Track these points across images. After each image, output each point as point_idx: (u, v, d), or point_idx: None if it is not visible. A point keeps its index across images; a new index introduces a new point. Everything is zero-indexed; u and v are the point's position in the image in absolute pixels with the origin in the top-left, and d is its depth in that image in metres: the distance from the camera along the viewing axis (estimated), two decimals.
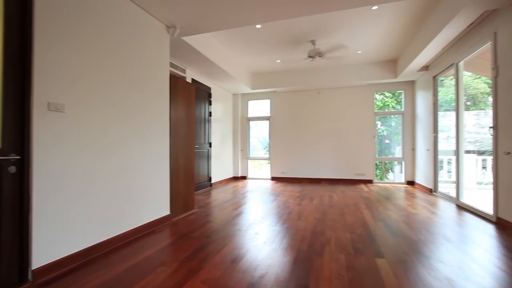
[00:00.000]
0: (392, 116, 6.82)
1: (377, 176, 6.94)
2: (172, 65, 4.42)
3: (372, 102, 6.47)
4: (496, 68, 3.06)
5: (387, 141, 6.93)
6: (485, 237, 2.60)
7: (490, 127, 3.17)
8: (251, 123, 7.55)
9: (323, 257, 2.12)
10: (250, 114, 7.50)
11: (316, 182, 6.67)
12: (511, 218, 2.82)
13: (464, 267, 1.93)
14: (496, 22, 3.05)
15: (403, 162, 6.34)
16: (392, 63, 5.83)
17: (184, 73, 4.84)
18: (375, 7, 3.52)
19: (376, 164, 6.73)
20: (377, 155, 6.56)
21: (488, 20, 3.21)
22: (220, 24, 3.25)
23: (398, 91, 6.60)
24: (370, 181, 6.43)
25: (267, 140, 7.36)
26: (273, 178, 7.16)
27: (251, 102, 7.49)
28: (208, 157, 5.85)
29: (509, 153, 2.85)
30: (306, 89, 6.81)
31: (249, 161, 7.50)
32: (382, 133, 6.95)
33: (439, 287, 1.66)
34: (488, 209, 3.23)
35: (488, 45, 3.26)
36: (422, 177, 5.58)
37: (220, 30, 3.58)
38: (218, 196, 4.85)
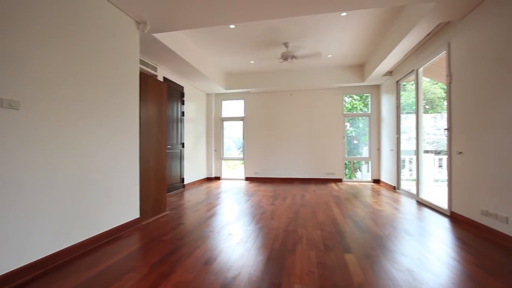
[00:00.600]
0: (359, 118, 7.17)
1: (346, 175, 7.24)
2: (142, 62, 4.26)
3: (341, 104, 6.76)
4: (450, 75, 3.35)
5: (355, 141, 7.27)
6: (441, 230, 2.83)
7: (445, 129, 3.47)
8: (225, 123, 7.51)
9: (295, 255, 2.17)
10: (224, 114, 7.45)
11: (289, 181, 6.80)
12: (463, 212, 3.10)
13: (423, 259, 2.09)
14: (449, 33, 3.35)
15: (369, 162, 6.69)
16: (360, 68, 6.13)
17: (156, 71, 4.69)
18: (344, 14, 3.68)
19: (345, 163, 7.03)
20: (346, 155, 6.86)
21: (443, 31, 3.50)
22: (192, 22, 3.20)
23: (365, 94, 6.95)
24: (340, 180, 6.70)
25: (241, 140, 7.36)
26: (247, 179, 7.18)
27: (225, 102, 7.44)
28: (181, 157, 5.71)
29: (461, 152, 3.14)
30: (279, 90, 6.92)
31: (223, 161, 7.44)
32: (350, 134, 7.28)
33: (401, 278, 1.78)
34: (444, 204, 3.53)
35: (443, 54, 3.56)
36: (386, 176, 5.93)
37: (192, 29, 3.52)
38: (191, 197, 4.76)
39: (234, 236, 2.67)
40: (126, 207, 2.88)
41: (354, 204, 4.13)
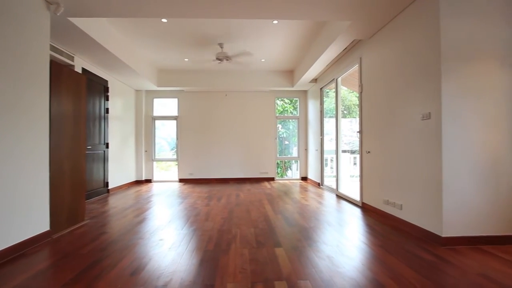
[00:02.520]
0: (290, 120, 7.70)
1: (278, 174, 7.69)
2: (55, 49, 3.66)
3: (273, 107, 7.14)
4: (361, 85, 3.91)
5: (286, 142, 7.77)
6: (355, 219, 3.28)
7: (358, 132, 4.03)
8: (157, 122, 7.07)
9: (229, 254, 2.20)
10: (155, 113, 7.00)
11: (224, 182, 6.83)
12: (371, 202, 3.66)
13: (340, 245, 2.39)
14: (361, 49, 3.90)
15: (298, 161, 7.26)
16: (290, 74, 6.59)
17: (72, 60, 4.08)
18: (275, 22, 3.91)
19: (277, 163, 7.45)
20: (278, 155, 7.28)
21: (356, 47, 4.06)
22: (113, 10, 2.91)
23: (294, 98, 7.51)
24: (273, 179, 7.07)
25: (175, 140, 7.05)
26: (181, 180, 6.91)
27: (156, 100, 7.00)
28: (105, 159, 5.12)
29: (369, 152, 3.69)
30: (214, 90, 6.89)
31: (154, 163, 6.98)
32: (282, 135, 7.75)
33: (322, 264, 2.00)
34: (357, 196, 4.09)
35: (356, 67, 4.13)
36: (313, 173, 6.53)
37: (115, 17, 3.21)
38: (116, 203, 4.32)
39: (165, 241, 2.54)
40: (31, 219, 2.43)
41: (285, 201, 4.42)
